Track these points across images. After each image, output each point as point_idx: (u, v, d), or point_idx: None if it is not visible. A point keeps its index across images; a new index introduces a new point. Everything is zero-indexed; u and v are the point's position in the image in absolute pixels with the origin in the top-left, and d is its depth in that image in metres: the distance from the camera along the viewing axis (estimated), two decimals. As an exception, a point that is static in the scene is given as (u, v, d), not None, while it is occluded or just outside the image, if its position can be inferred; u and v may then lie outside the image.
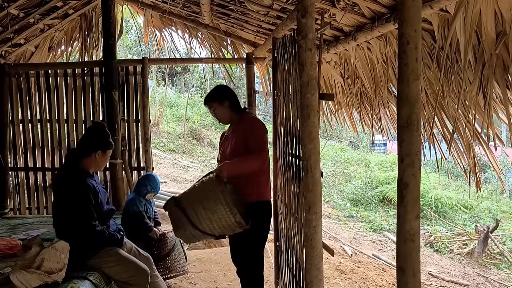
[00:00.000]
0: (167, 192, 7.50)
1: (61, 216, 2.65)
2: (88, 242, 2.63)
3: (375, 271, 5.22)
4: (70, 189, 2.61)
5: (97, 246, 2.67)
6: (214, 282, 3.99)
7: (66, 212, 2.61)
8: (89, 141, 2.75)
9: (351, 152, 15.15)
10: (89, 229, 2.59)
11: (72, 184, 2.61)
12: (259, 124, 2.83)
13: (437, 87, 2.45)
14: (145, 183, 3.56)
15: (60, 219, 2.66)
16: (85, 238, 2.62)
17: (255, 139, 2.71)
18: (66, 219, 2.63)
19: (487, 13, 1.93)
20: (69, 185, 2.62)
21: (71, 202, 2.59)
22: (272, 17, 3.59)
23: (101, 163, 2.78)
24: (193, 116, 14.48)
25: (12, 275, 2.31)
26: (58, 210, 2.66)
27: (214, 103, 2.87)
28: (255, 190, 2.76)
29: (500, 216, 8.81)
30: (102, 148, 2.73)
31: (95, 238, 2.63)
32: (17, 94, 4.62)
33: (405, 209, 1.24)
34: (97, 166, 2.79)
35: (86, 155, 2.71)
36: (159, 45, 5.53)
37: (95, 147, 2.70)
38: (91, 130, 2.87)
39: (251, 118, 2.88)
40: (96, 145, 2.71)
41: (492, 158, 2.44)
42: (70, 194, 2.60)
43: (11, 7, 3.92)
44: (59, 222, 2.67)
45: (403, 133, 1.23)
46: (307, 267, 2.05)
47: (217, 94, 2.89)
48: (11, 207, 4.64)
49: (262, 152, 2.68)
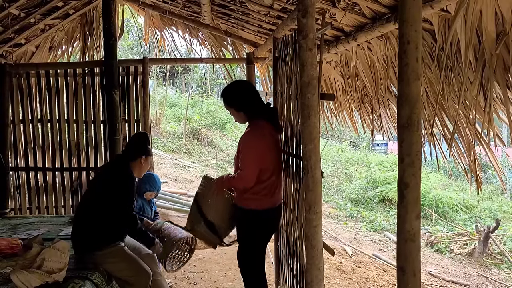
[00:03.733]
0: (168, 192, 7.50)
1: (106, 207, 2.78)
2: (130, 230, 2.93)
3: (376, 271, 5.22)
4: (127, 180, 2.84)
5: (139, 236, 3.00)
6: (214, 282, 3.99)
7: (116, 202, 2.79)
8: (135, 147, 3.01)
9: (352, 152, 15.14)
10: (134, 220, 2.88)
11: (130, 177, 2.88)
12: (252, 141, 2.70)
13: (438, 87, 2.45)
14: (145, 181, 3.55)
15: (103, 210, 2.78)
16: (128, 226, 2.89)
17: (243, 157, 2.69)
18: (113, 210, 2.79)
19: (488, 13, 1.93)
20: (126, 177, 2.85)
21: (124, 195, 2.81)
22: (272, 17, 3.59)
23: (144, 167, 3.03)
24: (193, 116, 14.47)
25: (12, 275, 2.31)
26: (107, 197, 2.80)
27: (225, 103, 2.83)
28: (241, 195, 2.77)
29: (500, 216, 8.80)
30: (146, 153, 2.99)
31: (137, 228, 2.93)
32: (18, 94, 4.62)
33: (406, 209, 1.24)
34: (141, 170, 3.02)
35: (133, 159, 2.94)
36: (160, 45, 5.54)
37: (140, 153, 2.96)
38: (136, 137, 3.19)
39: (248, 132, 2.76)
40: (142, 151, 2.97)
41: (493, 158, 2.45)
42: (127, 184, 2.83)
43: (11, 7, 3.92)
44: (99, 212, 2.79)
45: (404, 133, 1.23)
46: (308, 267, 2.05)
47: (226, 96, 2.79)
48: (11, 207, 4.64)
49: (248, 171, 2.65)
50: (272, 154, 2.73)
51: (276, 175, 2.76)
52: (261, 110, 2.77)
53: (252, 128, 2.76)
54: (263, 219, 2.74)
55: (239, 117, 2.80)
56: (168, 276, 4.08)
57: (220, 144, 13.05)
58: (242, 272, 2.88)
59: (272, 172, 2.72)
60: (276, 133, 2.83)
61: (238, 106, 2.75)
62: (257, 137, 2.71)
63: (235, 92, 2.78)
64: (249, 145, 2.69)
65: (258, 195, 2.70)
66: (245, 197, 2.74)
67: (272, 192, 2.74)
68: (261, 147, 2.67)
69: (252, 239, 2.78)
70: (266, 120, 2.75)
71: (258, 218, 2.73)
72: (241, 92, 2.79)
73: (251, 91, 2.80)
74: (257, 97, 2.80)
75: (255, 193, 2.70)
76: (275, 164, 2.75)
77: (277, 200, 2.81)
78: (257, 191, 2.69)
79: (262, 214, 2.72)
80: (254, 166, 2.65)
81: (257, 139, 2.70)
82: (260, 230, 2.77)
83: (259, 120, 2.75)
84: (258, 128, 2.74)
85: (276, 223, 2.92)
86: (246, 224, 2.78)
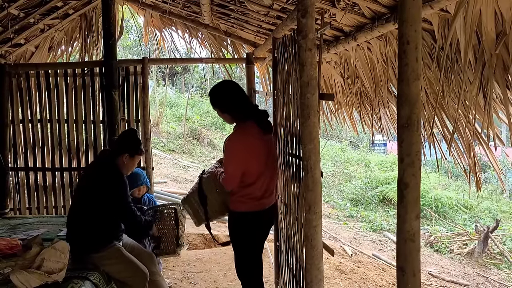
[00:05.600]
0: (167, 192, 7.50)
1: (100, 208, 2.76)
2: (132, 224, 2.91)
3: (375, 271, 5.22)
4: (115, 176, 2.80)
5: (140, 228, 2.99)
6: (214, 282, 3.99)
7: (111, 197, 2.77)
8: (119, 144, 2.94)
9: (351, 152, 15.15)
10: (133, 212, 2.87)
11: (117, 173, 2.82)
12: (235, 143, 2.65)
13: (437, 87, 2.45)
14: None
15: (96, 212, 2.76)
16: (130, 219, 2.87)
17: (225, 160, 2.68)
18: (109, 204, 2.78)
19: (487, 13, 1.93)
20: (113, 174, 2.80)
21: (118, 188, 2.78)
22: (272, 17, 3.59)
23: (128, 166, 2.93)
24: (193, 116, 14.48)
25: (12, 275, 2.31)
26: (97, 197, 2.77)
27: (211, 104, 2.79)
28: (229, 198, 2.78)
29: (500, 216, 8.81)
30: (129, 152, 2.88)
31: (139, 221, 2.92)
32: (17, 94, 4.62)
33: (405, 209, 1.24)
34: (125, 168, 2.92)
35: (116, 156, 2.88)
36: (159, 45, 5.54)
37: (123, 150, 2.88)
38: (123, 134, 3.09)
39: (232, 134, 2.71)
40: (124, 149, 2.88)
41: (492, 158, 2.44)
42: (116, 181, 2.78)
43: (11, 7, 3.92)
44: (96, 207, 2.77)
45: (403, 133, 1.23)
46: (307, 267, 2.05)
47: (211, 97, 2.76)
48: (11, 207, 4.64)
49: (228, 174, 2.64)
50: (258, 157, 2.67)
51: (266, 177, 2.73)
52: (247, 111, 2.71)
53: (237, 131, 2.72)
54: (251, 222, 2.73)
55: (225, 118, 2.77)
56: (168, 276, 4.08)
57: (219, 144, 13.06)
58: (238, 274, 2.89)
59: (258, 176, 2.68)
60: (264, 134, 2.74)
61: (222, 108, 2.71)
62: (240, 140, 2.66)
63: (219, 93, 2.72)
64: (232, 148, 2.65)
65: (244, 198, 2.70)
66: (232, 200, 2.74)
67: (260, 196, 2.71)
68: (245, 150, 2.62)
69: (243, 242, 2.78)
70: (254, 121, 2.69)
71: (246, 220, 2.72)
72: (224, 93, 2.72)
73: (235, 92, 2.71)
74: (243, 98, 2.72)
75: (242, 196, 2.70)
76: (263, 167, 2.70)
77: (267, 202, 2.78)
78: (244, 194, 2.69)
79: (250, 216, 2.71)
80: (235, 169, 2.63)
81: (240, 142, 2.65)
82: (250, 232, 2.76)
83: (246, 121, 2.70)
84: (243, 130, 2.69)
85: (267, 225, 2.90)
86: (234, 227, 2.78)
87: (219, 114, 2.78)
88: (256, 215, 2.72)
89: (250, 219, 2.72)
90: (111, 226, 2.83)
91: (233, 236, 2.81)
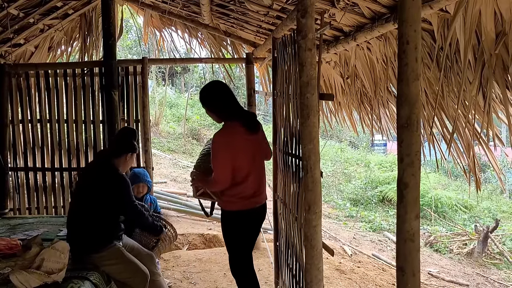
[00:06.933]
0: (167, 192, 7.50)
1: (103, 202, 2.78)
2: (137, 219, 2.99)
3: (375, 271, 5.22)
4: (116, 176, 2.84)
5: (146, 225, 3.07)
6: (214, 282, 3.99)
7: (114, 197, 2.80)
8: (121, 143, 2.96)
9: (351, 152, 15.14)
10: (140, 210, 2.92)
11: (115, 172, 2.85)
12: (219, 139, 2.67)
13: (437, 87, 2.45)
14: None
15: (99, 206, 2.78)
16: (136, 216, 2.94)
17: (213, 158, 2.68)
18: (111, 204, 2.80)
19: (487, 13, 1.93)
20: (112, 173, 2.84)
21: (121, 187, 2.81)
22: (272, 17, 3.59)
23: (128, 164, 3.01)
24: (193, 116, 14.47)
25: (12, 275, 2.31)
26: (98, 197, 2.78)
27: (201, 102, 2.84)
28: (220, 198, 2.83)
29: (499, 216, 8.81)
30: (131, 150, 2.96)
31: (146, 217, 3.00)
32: (17, 94, 4.62)
33: (405, 209, 1.24)
34: (125, 166, 2.99)
35: (118, 155, 2.91)
36: (159, 45, 5.54)
37: (126, 150, 2.93)
38: (123, 133, 3.09)
39: (216, 133, 2.73)
40: (127, 148, 2.94)
41: (492, 158, 2.45)
42: (118, 180, 2.82)
43: (11, 7, 3.92)
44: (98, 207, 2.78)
45: (403, 133, 1.24)
46: (307, 267, 2.05)
47: (200, 96, 2.81)
48: (11, 207, 4.64)
49: (218, 171, 2.66)
50: (245, 154, 2.70)
51: (255, 176, 2.77)
52: (234, 112, 2.74)
53: (221, 129, 2.77)
54: (243, 220, 2.79)
55: (212, 117, 2.83)
56: (168, 276, 4.08)
57: (219, 144, 13.03)
58: (232, 272, 2.94)
59: (248, 174, 2.72)
60: (250, 134, 2.75)
61: (210, 107, 2.77)
62: (223, 136, 2.69)
63: (207, 93, 2.77)
64: (217, 143, 2.67)
65: (235, 198, 2.73)
66: (224, 200, 2.79)
67: (251, 194, 2.75)
68: (228, 144, 2.66)
69: (235, 240, 2.83)
70: (239, 122, 2.72)
71: (237, 219, 2.78)
72: (212, 93, 2.76)
73: (223, 93, 2.75)
74: (230, 99, 2.75)
75: (233, 195, 2.73)
76: (251, 164, 2.74)
77: (258, 201, 2.82)
78: (235, 194, 2.73)
79: (241, 215, 2.76)
80: (225, 165, 2.65)
81: (224, 138, 2.68)
82: (242, 230, 2.81)
83: (232, 121, 2.74)
84: (227, 128, 2.74)
85: (258, 223, 2.93)
86: (226, 225, 2.83)
87: (207, 112, 2.85)
88: (247, 214, 2.78)
89: (241, 217, 2.78)
90: (111, 226, 2.83)
91: (226, 234, 2.86)
